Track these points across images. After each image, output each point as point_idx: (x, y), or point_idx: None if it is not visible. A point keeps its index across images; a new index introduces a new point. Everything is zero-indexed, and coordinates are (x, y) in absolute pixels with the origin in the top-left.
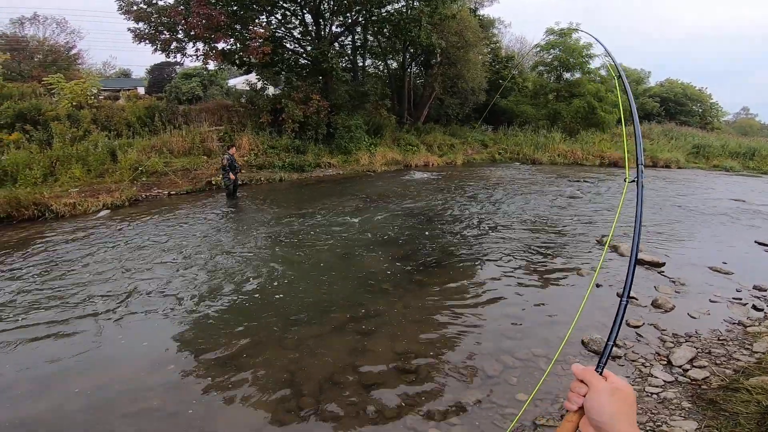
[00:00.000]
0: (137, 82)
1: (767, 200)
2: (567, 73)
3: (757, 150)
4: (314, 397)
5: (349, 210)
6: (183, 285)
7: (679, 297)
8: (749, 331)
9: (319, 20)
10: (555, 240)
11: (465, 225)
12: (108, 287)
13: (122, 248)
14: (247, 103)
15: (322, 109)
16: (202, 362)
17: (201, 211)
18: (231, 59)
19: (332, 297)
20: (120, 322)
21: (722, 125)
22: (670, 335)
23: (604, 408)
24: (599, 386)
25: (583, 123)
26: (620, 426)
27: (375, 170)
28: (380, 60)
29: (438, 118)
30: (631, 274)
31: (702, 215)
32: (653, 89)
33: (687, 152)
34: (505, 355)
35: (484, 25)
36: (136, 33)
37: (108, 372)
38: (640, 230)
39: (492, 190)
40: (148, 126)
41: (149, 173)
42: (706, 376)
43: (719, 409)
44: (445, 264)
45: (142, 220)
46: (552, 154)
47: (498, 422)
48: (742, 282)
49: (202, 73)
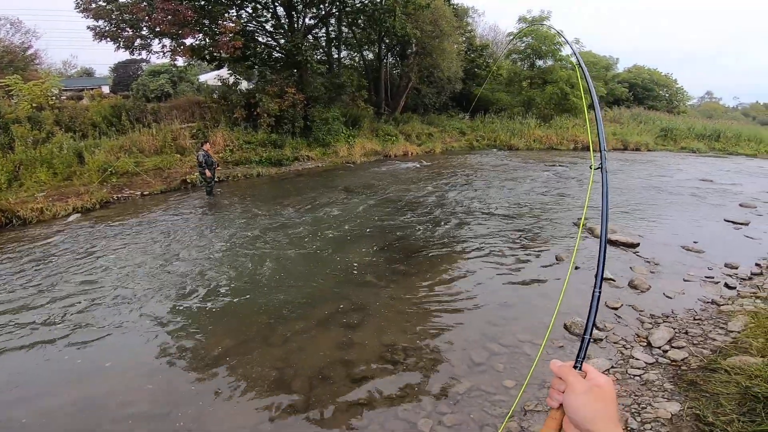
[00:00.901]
0: (101, 80)
1: (734, 180)
2: (540, 61)
3: (722, 132)
4: (305, 393)
5: (329, 202)
6: (163, 287)
7: (654, 277)
8: (723, 310)
9: (291, 13)
10: (533, 224)
11: (446, 213)
12: (87, 293)
13: (98, 251)
14: (219, 99)
15: (298, 102)
16: (188, 363)
17: (177, 210)
18: (200, 55)
19: (316, 291)
20: (101, 328)
21: (688, 109)
22: (648, 316)
23: (581, 408)
24: (576, 385)
25: (557, 109)
26: (598, 425)
27: (354, 161)
28: (355, 51)
29: (415, 108)
30: (601, 265)
31: (672, 195)
32: (621, 75)
33: (656, 135)
34: (491, 342)
35: (458, 14)
36: (96, 31)
37: (93, 378)
38: (607, 218)
39: (471, 177)
40: (115, 126)
41: (119, 174)
42: (685, 357)
43: (700, 390)
44: (428, 253)
45: (115, 223)
46: (528, 139)
47: (488, 409)
48: (713, 260)
49: (171, 70)
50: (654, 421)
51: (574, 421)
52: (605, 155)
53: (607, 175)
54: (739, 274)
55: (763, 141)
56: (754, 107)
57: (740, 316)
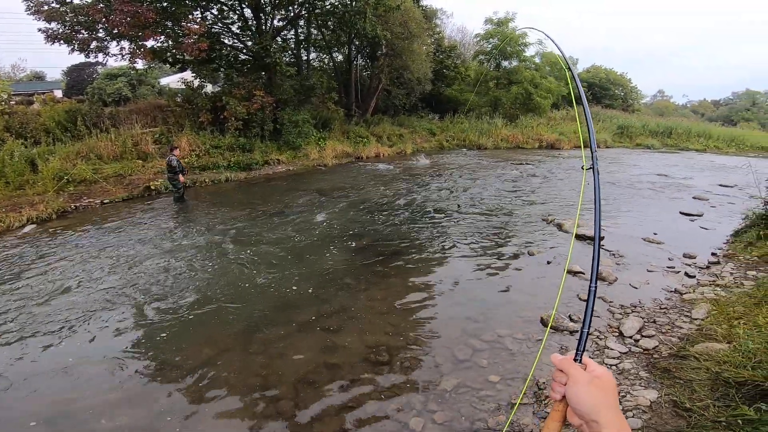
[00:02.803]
0: (54, 84)
1: (686, 174)
2: (505, 62)
3: (674, 129)
4: (292, 399)
5: (302, 206)
6: (134, 299)
7: (620, 269)
8: (686, 298)
9: (259, 14)
10: (505, 222)
11: (420, 213)
12: (52, 305)
13: (58, 263)
14: (183, 102)
15: (267, 104)
16: (167, 374)
17: (141, 218)
18: (162, 57)
19: (294, 297)
20: (69, 340)
21: (641, 107)
22: (618, 306)
23: (583, 398)
24: (577, 377)
25: (522, 108)
26: (601, 415)
27: (326, 164)
28: (325, 53)
29: (386, 109)
30: (596, 261)
31: (631, 190)
32: (581, 75)
33: (613, 132)
34: (472, 339)
35: (428, 15)
36: (48, 34)
37: (67, 392)
38: (600, 217)
39: (442, 177)
40: (70, 131)
41: (77, 182)
42: (656, 345)
43: (674, 377)
44: (404, 253)
45: (75, 233)
46: (495, 139)
47: (476, 405)
48: (672, 251)
49: (129, 73)
50: (635, 408)
51: (578, 412)
52: (596, 156)
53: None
54: (698, 264)
55: (711, 137)
56: (702, 104)
57: (702, 304)
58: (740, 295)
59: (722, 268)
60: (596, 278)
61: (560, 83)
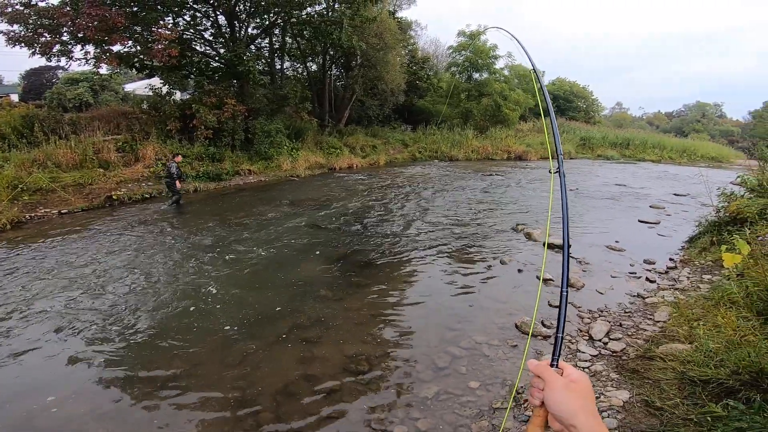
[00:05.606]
0: (9, 88)
1: (643, 184)
2: (476, 74)
3: (631, 140)
4: (272, 412)
5: (274, 217)
6: (103, 312)
7: (586, 275)
8: (648, 302)
9: (233, 22)
10: (476, 231)
11: (394, 224)
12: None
13: (15, 277)
14: (150, 110)
15: (239, 113)
16: (141, 389)
17: (101, 230)
18: (129, 63)
19: (269, 309)
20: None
21: (602, 119)
22: (586, 311)
23: (561, 403)
24: (554, 382)
25: (492, 120)
26: (579, 419)
27: (299, 175)
28: (299, 62)
29: (359, 120)
30: (566, 267)
31: (593, 200)
32: (547, 87)
33: (576, 144)
34: (450, 346)
35: (403, 27)
36: (9, 36)
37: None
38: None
39: (415, 188)
40: (26, 137)
41: (32, 191)
42: (623, 347)
43: (643, 378)
44: (379, 263)
45: (32, 244)
46: (466, 150)
47: (458, 411)
48: (633, 257)
49: (92, 78)
50: (609, 409)
51: (557, 417)
52: (562, 159)
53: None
54: (657, 269)
55: (666, 147)
56: (657, 116)
57: (663, 307)
58: (698, 298)
59: (680, 273)
60: (567, 284)
61: (528, 95)
